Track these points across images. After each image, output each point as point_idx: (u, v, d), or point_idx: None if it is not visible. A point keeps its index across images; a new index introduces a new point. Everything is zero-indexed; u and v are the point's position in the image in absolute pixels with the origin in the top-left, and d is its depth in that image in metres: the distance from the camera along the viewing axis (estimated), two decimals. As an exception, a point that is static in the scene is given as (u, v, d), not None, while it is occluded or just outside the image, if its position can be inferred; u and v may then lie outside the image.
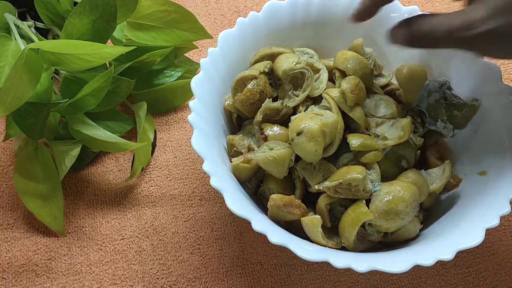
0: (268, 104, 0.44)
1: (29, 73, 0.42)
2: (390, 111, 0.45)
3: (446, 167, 0.44)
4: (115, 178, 0.54)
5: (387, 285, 0.47)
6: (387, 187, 0.40)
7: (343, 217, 0.41)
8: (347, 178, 0.39)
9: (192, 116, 0.41)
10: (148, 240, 0.50)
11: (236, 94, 0.45)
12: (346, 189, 0.40)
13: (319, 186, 0.42)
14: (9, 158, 0.55)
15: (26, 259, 0.49)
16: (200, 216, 0.51)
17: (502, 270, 0.48)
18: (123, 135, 0.54)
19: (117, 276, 0.48)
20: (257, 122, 0.44)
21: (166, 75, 0.57)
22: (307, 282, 0.47)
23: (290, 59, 0.45)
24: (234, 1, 0.66)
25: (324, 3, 0.50)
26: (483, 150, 0.45)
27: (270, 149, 0.42)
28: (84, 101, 0.47)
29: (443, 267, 0.48)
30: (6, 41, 0.45)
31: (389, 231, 0.41)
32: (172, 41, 0.54)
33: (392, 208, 0.39)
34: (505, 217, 0.50)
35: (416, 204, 0.40)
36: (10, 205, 0.52)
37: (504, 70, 0.59)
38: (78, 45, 0.43)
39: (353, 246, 0.40)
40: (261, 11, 0.49)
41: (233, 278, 0.48)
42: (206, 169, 0.38)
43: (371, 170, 0.42)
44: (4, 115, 0.43)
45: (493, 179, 0.42)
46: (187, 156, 0.55)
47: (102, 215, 0.51)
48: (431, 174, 0.44)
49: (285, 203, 0.41)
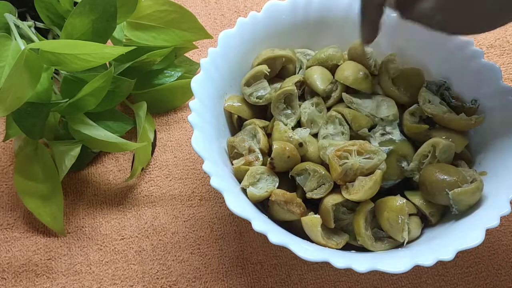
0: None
1: (29, 73, 0.42)
2: (392, 112, 0.45)
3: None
4: (115, 178, 0.54)
5: (387, 285, 0.47)
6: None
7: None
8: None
9: (192, 116, 0.41)
10: (148, 240, 0.50)
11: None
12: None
13: (311, 194, 0.42)
14: (9, 158, 0.55)
15: (26, 259, 0.49)
16: (200, 216, 0.51)
17: (502, 270, 0.48)
18: (123, 135, 0.54)
19: (117, 276, 0.48)
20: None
21: (166, 75, 0.57)
22: (307, 282, 0.47)
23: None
24: (234, 1, 0.66)
25: (324, 3, 0.50)
26: (483, 150, 0.45)
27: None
28: (84, 101, 0.47)
29: (443, 267, 0.48)
30: (6, 41, 0.45)
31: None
32: (172, 41, 0.54)
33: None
34: (505, 217, 0.50)
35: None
36: (10, 205, 0.52)
37: (504, 70, 0.59)
38: (78, 45, 0.43)
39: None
40: (261, 11, 0.49)
41: (233, 278, 0.48)
42: (206, 169, 0.38)
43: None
44: (4, 115, 0.43)
45: (493, 179, 0.42)
46: (187, 156, 0.55)
47: (102, 215, 0.51)
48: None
49: (287, 199, 0.41)
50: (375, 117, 0.45)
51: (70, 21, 0.45)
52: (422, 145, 0.44)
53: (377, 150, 0.41)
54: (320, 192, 0.42)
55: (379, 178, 0.40)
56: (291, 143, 0.43)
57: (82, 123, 0.48)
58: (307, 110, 0.46)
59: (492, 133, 0.45)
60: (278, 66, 0.50)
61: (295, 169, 0.43)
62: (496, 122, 0.45)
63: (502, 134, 0.44)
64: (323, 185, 0.42)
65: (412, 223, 0.42)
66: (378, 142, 0.44)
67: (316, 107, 0.47)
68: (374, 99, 0.46)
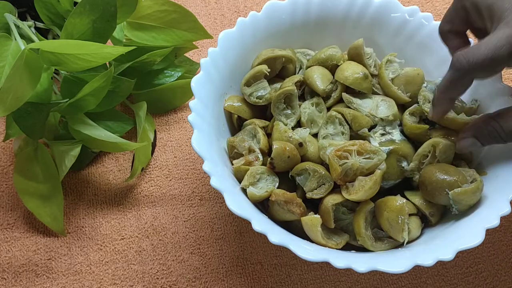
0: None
1: (29, 73, 0.42)
2: (392, 112, 0.45)
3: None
4: (115, 178, 0.54)
5: (387, 285, 0.47)
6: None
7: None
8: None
9: (192, 116, 0.41)
10: (148, 240, 0.50)
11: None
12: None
13: (311, 194, 0.42)
14: (9, 158, 0.55)
15: (26, 259, 0.49)
16: (200, 216, 0.51)
17: (502, 270, 0.48)
18: (123, 135, 0.54)
19: (117, 276, 0.48)
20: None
21: (166, 75, 0.57)
22: (307, 282, 0.47)
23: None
24: (234, 1, 0.66)
25: (324, 3, 0.50)
26: (483, 151, 0.45)
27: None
28: (84, 101, 0.47)
29: (443, 267, 0.48)
30: (6, 41, 0.45)
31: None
32: (172, 41, 0.54)
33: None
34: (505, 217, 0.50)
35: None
36: (10, 205, 0.52)
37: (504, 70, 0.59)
38: (78, 45, 0.43)
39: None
40: (261, 11, 0.49)
41: (233, 278, 0.48)
42: (206, 169, 0.38)
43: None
44: (4, 115, 0.43)
45: (493, 179, 0.42)
46: (187, 156, 0.55)
47: (102, 215, 0.51)
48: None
49: (287, 199, 0.41)
50: (375, 117, 0.45)
51: (70, 21, 0.45)
52: (422, 145, 0.44)
53: (377, 150, 0.41)
54: (320, 192, 0.42)
55: (379, 178, 0.40)
56: (291, 143, 0.43)
57: (82, 123, 0.48)
58: (307, 110, 0.46)
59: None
60: (278, 66, 0.50)
61: (295, 169, 0.43)
62: (496, 122, 0.45)
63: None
64: (323, 185, 0.42)
65: (412, 223, 0.42)
66: (378, 142, 0.44)
67: (316, 107, 0.47)
68: (374, 99, 0.46)
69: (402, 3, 0.50)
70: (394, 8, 0.49)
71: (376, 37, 0.50)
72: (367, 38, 0.49)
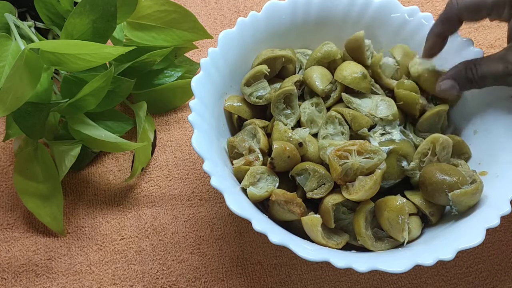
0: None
1: (29, 73, 0.42)
2: (391, 111, 0.45)
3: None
4: (115, 178, 0.54)
5: (387, 285, 0.47)
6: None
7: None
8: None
9: (192, 116, 0.41)
10: (148, 240, 0.50)
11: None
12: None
13: (312, 194, 0.42)
14: (9, 158, 0.55)
15: (26, 259, 0.49)
16: (200, 216, 0.51)
17: (502, 270, 0.48)
18: (123, 135, 0.54)
19: (117, 276, 0.48)
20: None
21: (166, 75, 0.57)
22: (307, 282, 0.47)
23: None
24: (234, 1, 0.66)
25: (324, 3, 0.50)
26: (483, 150, 0.45)
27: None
28: (84, 101, 0.47)
29: (443, 267, 0.48)
30: (6, 41, 0.45)
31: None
32: (172, 41, 0.54)
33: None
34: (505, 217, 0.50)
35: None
36: (10, 205, 0.52)
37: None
38: (78, 45, 0.43)
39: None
40: (261, 11, 0.49)
41: (233, 278, 0.48)
42: (206, 169, 0.38)
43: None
44: (4, 115, 0.43)
45: (493, 179, 0.42)
46: (187, 156, 0.55)
47: (102, 215, 0.51)
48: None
49: (287, 199, 0.41)
50: (374, 117, 0.45)
51: (70, 21, 0.45)
52: (422, 143, 0.44)
53: (377, 150, 0.41)
54: (320, 192, 0.42)
55: (379, 178, 0.40)
56: (291, 143, 0.43)
57: (82, 123, 0.48)
58: (306, 110, 0.46)
59: (492, 133, 0.45)
60: (278, 66, 0.50)
61: (295, 169, 0.43)
62: (495, 122, 0.45)
63: (502, 134, 0.44)
64: (323, 185, 0.42)
65: (412, 223, 0.42)
66: (378, 142, 0.44)
67: (315, 107, 0.47)
68: (373, 99, 0.46)
69: (402, 3, 0.50)
70: (394, 8, 0.49)
71: (376, 37, 0.50)
72: (367, 38, 0.49)
